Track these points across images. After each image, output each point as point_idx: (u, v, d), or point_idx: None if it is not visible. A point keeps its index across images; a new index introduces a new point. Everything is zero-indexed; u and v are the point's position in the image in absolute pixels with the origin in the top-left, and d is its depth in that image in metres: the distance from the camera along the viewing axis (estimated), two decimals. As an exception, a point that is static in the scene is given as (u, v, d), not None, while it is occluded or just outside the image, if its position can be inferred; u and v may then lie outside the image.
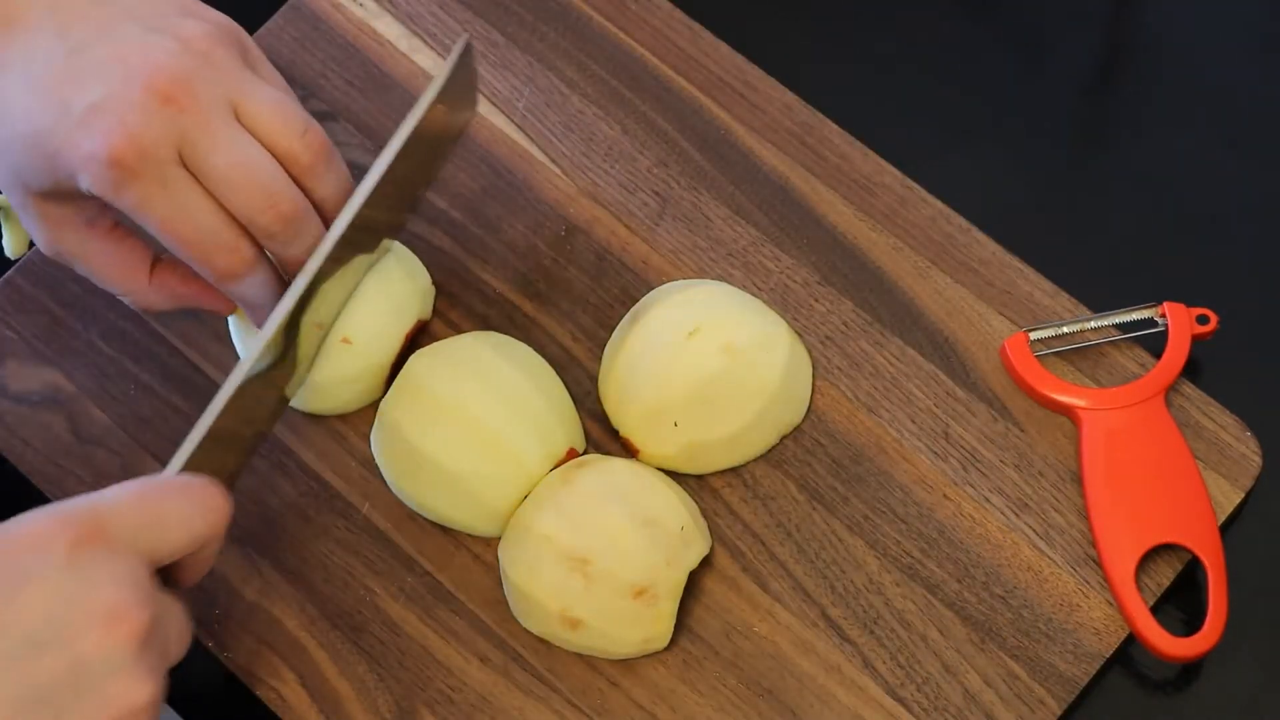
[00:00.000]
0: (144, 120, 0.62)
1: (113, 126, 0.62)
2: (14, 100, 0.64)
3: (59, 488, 0.75)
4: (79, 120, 0.63)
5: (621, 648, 0.69)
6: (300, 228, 0.66)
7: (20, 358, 0.78)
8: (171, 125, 0.63)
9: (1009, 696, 0.69)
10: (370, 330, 0.72)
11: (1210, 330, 0.73)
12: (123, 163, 0.62)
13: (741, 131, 0.79)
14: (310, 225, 0.66)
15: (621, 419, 0.73)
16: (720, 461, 0.73)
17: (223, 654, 0.72)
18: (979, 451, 0.73)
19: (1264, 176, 0.80)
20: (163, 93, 0.63)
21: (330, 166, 0.67)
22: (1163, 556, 0.71)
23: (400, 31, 0.83)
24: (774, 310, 0.75)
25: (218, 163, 0.64)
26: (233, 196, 0.64)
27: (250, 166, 0.64)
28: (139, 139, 0.62)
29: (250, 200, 0.64)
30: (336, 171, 0.67)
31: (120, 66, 0.63)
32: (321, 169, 0.66)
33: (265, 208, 0.65)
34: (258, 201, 0.64)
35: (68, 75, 0.63)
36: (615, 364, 0.73)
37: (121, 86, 0.63)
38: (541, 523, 0.69)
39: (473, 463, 0.70)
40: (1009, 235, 0.77)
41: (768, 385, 0.72)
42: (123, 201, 0.63)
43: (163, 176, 0.63)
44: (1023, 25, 0.84)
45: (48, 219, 0.68)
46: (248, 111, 0.65)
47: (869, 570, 0.71)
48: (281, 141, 0.65)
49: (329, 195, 0.67)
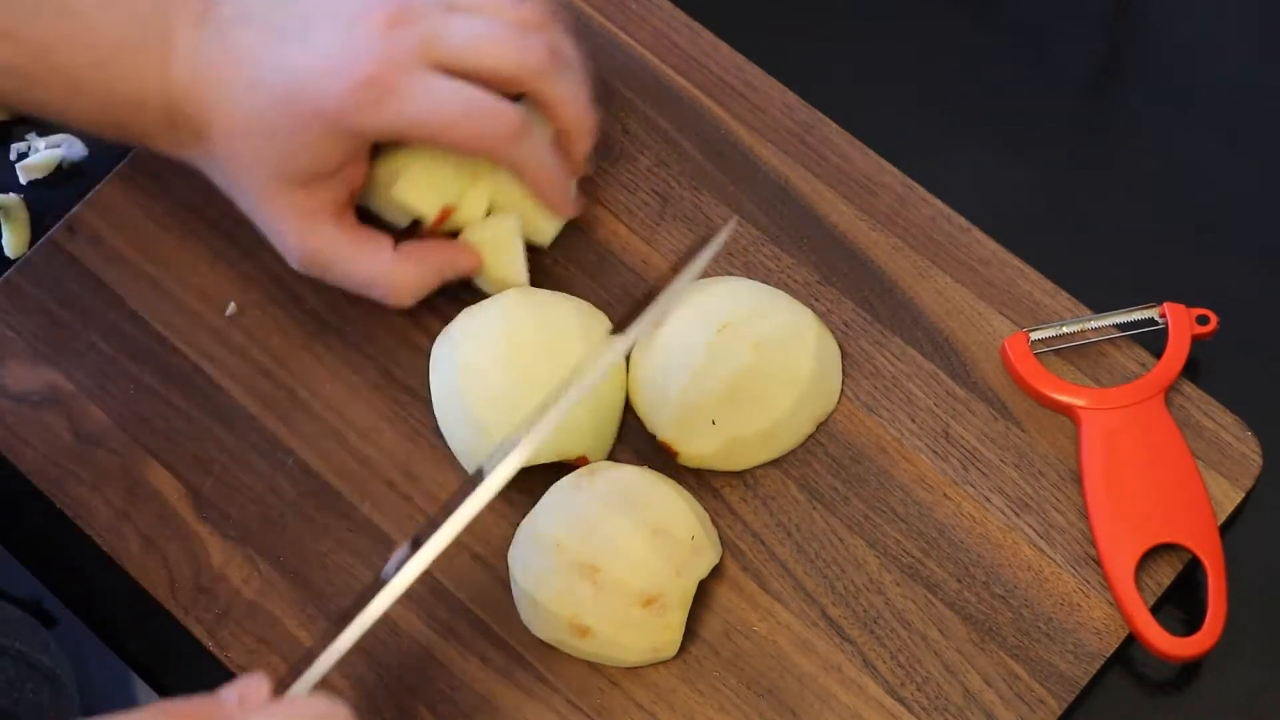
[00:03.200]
0: (381, 44, 0.68)
1: (358, 57, 0.67)
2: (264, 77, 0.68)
3: (59, 488, 0.75)
4: (325, 70, 0.67)
5: (630, 656, 0.69)
6: (560, 61, 0.71)
7: (20, 358, 0.78)
8: (406, 38, 0.68)
9: (1009, 696, 0.69)
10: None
11: (1210, 330, 0.73)
12: (377, 80, 0.67)
13: (741, 131, 0.79)
14: (570, 62, 0.72)
15: (657, 422, 0.73)
16: (758, 456, 0.73)
17: (223, 654, 0.72)
18: (979, 451, 0.73)
19: (1264, 176, 0.80)
20: (386, 19, 0.68)
21: (557, 18, 0.72)
22: (1163, 556, 0.71)
23: (400, 31, 0.83)
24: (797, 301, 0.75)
25: (459, 42, 0.69)
26: (488, 60, 0.69)
27: (490, 30, 0.70)
28: (383, 56, 0.67)
29: (505, 54, 0.69)
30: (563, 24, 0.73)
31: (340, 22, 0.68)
32: (550, 25, 0.72)
33: (521, 51, 0.70)
34: (513, 52, 0.69)
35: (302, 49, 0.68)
36: (644, 368, 0.73)
37: (349, 33, 0.68)
38: (552, 530, 0.69)
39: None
40: (1009, 235, 0.77)
41: (800, 375, 0.72)
42: (385, 115, 0.68)
43: (416, 80, 0.68)
44: (1023, 25, 0.84)
45: (302, 213, 0.71)
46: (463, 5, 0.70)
47: (869, 570, 0.71)
48: (506, 9, 0.71)
49: (562, 46, 0.72)
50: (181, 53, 0.69)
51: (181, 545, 0.74)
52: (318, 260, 0.72)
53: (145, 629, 0.74)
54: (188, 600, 0.73)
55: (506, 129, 0.70)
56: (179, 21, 0.69)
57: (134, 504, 0.75)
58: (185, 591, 0.73)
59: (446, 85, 0.68)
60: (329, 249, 0.72)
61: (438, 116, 0.69)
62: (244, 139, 0.70)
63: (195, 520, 0.74)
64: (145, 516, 0.74)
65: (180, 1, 0.69)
